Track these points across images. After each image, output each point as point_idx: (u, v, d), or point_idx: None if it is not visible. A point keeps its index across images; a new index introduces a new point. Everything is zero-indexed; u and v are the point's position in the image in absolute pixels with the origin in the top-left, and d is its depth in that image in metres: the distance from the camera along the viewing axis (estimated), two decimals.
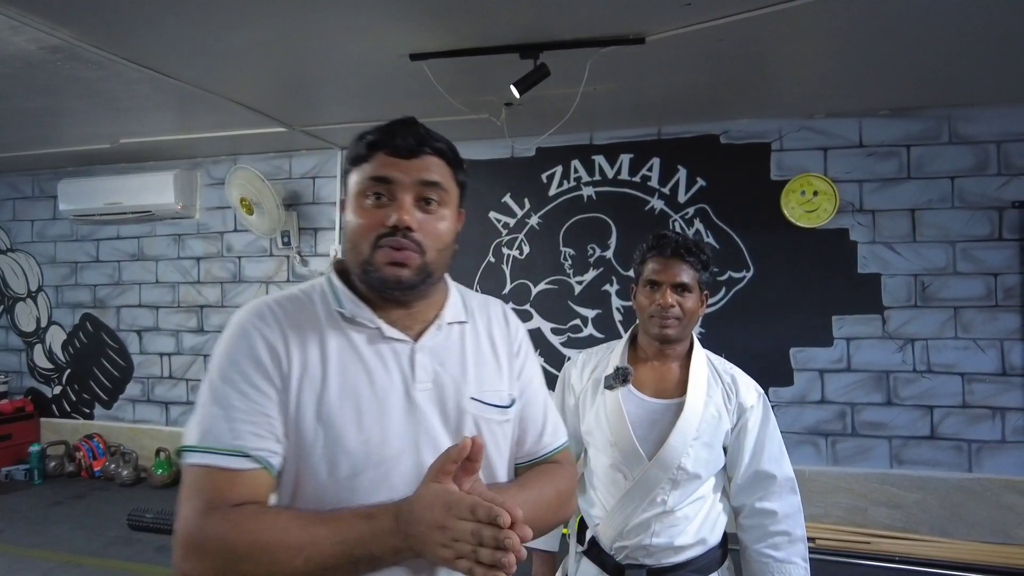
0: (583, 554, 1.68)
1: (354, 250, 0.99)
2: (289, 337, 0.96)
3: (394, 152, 0.99)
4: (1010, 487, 3.36)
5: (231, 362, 0.94)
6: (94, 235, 5.02)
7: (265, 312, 0.98)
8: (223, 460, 0.89)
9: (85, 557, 3.34)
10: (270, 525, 0.86)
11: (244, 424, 0.91)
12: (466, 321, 1.11)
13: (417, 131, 1.02)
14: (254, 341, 0.95)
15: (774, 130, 3.73)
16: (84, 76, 3.01)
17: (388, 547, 0.85)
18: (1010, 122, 3.43)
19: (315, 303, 1.02)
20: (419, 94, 3.19)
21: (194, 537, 0.86)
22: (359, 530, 0.85)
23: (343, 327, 1.00)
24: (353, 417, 0.95)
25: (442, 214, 1.02)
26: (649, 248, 1.66)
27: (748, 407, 1.63)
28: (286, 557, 0.83)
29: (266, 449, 0.91)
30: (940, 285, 3.51)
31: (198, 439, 0.91)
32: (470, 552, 0.80)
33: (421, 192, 0.99)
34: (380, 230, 0.96)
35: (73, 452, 4.90)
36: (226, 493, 0.88)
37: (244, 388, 0.92)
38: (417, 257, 0.97)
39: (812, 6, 2.30)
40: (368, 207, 0.98)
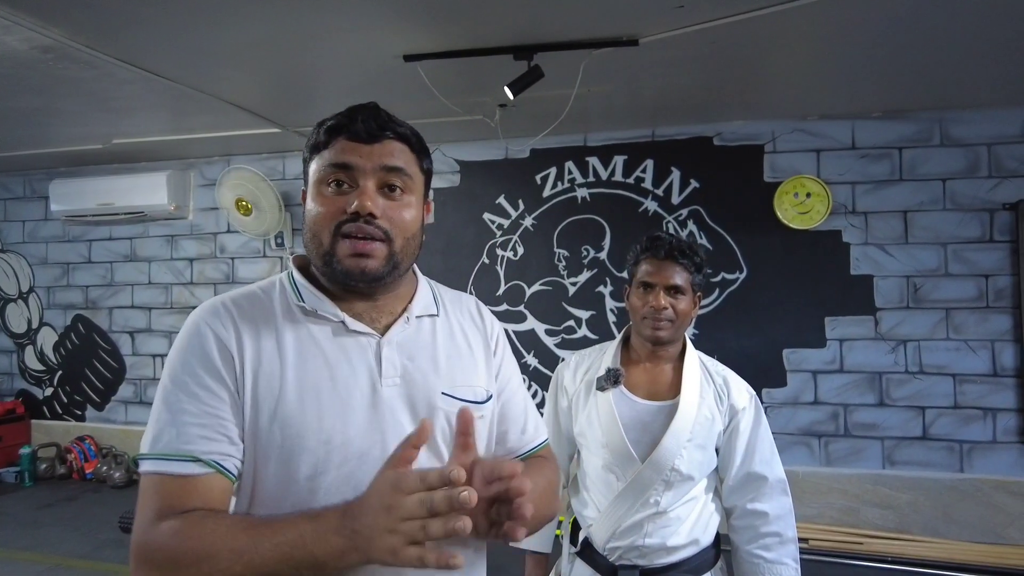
0: (576, 555, 1.68)
1: (314, 240, 0.95)
2: (243, 334, 0.92)
3: (354, 137, 0.94)
4: (1001, 487, 3.38)
5: (182, 363, 0.91)
6: (86, 236, 4.99)
7: (219, 309, 0.94)
8: (173, 466, 0.86)
9: (76, 560, 3.32)
10: (211, 530, 0.81)
11: (193, 428, 0.87)
12: (437, 314, 1.07)
13: (379, 115, 0.96)
14: (206, 340, 0.91)
15: (767, 132, 3.75)
16: (76, 76, 3.00)
17: (332, 548, 0.77)
18: (1001, 125, 3.46)
19: (273, 299, 0.98)
20: (413, 95, 3.19)
21: (142, 548, 0.84)
22: (301, 531, 0.78)
23: (303, 321, 0.96)
24: (314, 414, 0.91)
25: (407, 200, 0.97)
26: (643, 250, 1.66)
27: (740, 409, 1.63)
28: (226, 563, 0.78)
29: (218, 452, 0.87)
30: (932, 286, 3.53)
31: (150, 446, 0.88)
32: (419, 530, 0.72)
33: (384, 178, 0.94)
34: (341, 217, 0.92)
35: (64, 454, 4.87)
36: (177, 500, 0.85)
37: (194, 390, 0.89)
38: (382, 247, 0.93)
39: (804, 9, 2.31)
40: (328, 194, 0.94)
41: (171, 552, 0.80)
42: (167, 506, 0.84)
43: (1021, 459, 3.40)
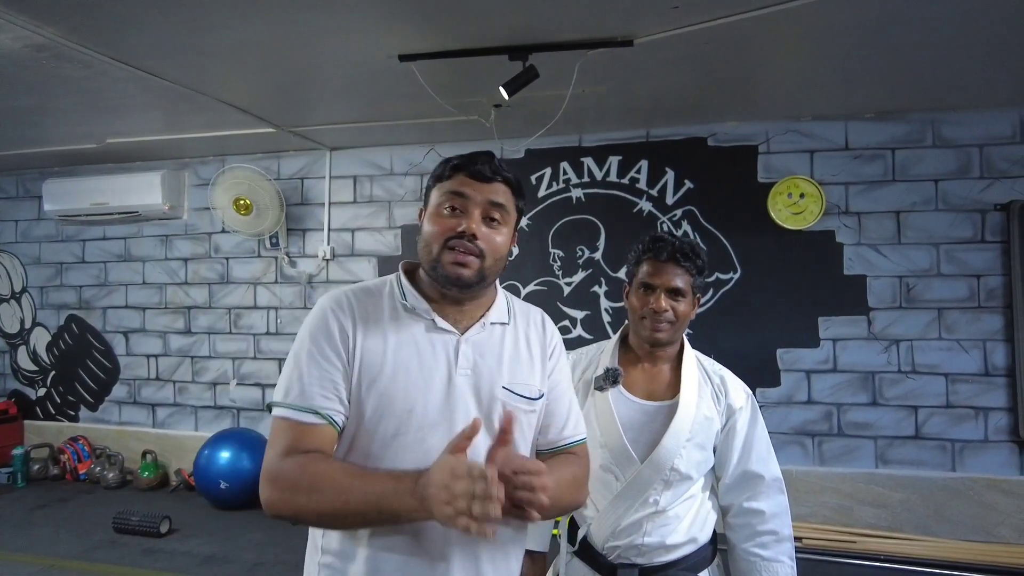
0: (574, 554, 1.68)
1: (426, 249, 1.19)
2: (358, 320, 1.18)
3: (472, 175, 1.19)
4: (992, 486, 3.40)
5: (311, 337, 1.17)
6: (80, 236, 4.98)
7: (342, 299, 1.21)
8: (298, 415, 1.11)
9: (70, 560, 3.30)
10: (324, 471, 1.06)
11: (316, 387, 1.13)
12: (508, 323, 1.30)
13: (493, 162, 1.21)
14: (330, 322, 1.17)
15: (761, 133, 3.77)
16: (70, 75, 2.99)
17: (406, 505, 1.01)
18: (992, 126, 3.49)
19: (383, 295, 1.24)
20: (408, 95, 3.20)
21: (271, 472, 1.09)
22: (386, 487, 1.03)
23: (403, 316, 1.21)
24: (402, 388, 1.15)
25: (502, 231, 1.22)
26: (645, 250, 1.65)
27: (737, 408, 1.63)
28: (330, 497, 1.04)
29: (332, 409, 1.13)
30: (924, 287, 3.56)
31: (281, 397, 1.14)
32: (465, 508, 0.94)
33: (488, 211, 1.19)
34: (450, 234, 1.16)
35: (57, 455, 4.85)
36: (298, 441, 1.10)
37: (318, 359, 1.14)
38: (477, 261, 1.17)
39: (798, 10, 2.33)
40: (444, 216, 1.18)
41: (293, 479, 1.07)
42: (292, 445, 1.10)
43: (1012, 458, 3.42)
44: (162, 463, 4.64)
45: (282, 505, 1.08)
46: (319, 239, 4.45)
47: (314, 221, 4.48)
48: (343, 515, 1.05)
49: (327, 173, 4.44)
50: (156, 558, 3.35)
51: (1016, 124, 3.47)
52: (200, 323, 4.69)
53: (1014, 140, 3.47)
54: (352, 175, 4.43)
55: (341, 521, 1.08)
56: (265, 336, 4.55)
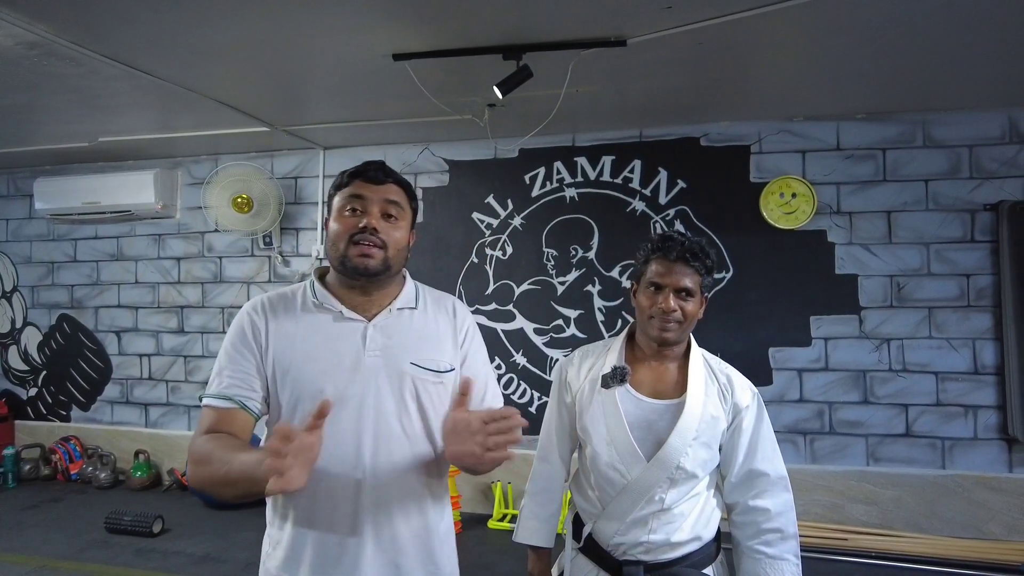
0: (579, 551, 1.69)
1: (334, 247, 1.36)
2: (269, 319, 1.37)
3: (367, 179, 1.38)
4: (982, 483, 3.43)
5: (229, 338, 1.37)
6: (71, 235, 4.95)
7: (257, 303, 1.40)
8: (215, 402, 1.31)
9: (61, 561, 3.29)
10: (218, 444, 1.22)
11: (229, 378, 1.32)
12: (415, 308, 1.46)
13: (384, 167, 1.40)
14: (244, 324, 1.37)
15: (753, 133, 3.79)
16: (62, 73, 2.98)
17: (259, 476, 1.06)
18: (981, 127, 3.52)
19: (297, 296, 1.43)
20: (402, 94, 3.20)
21: (189, 450, 1.28)
22: (253, 458, 1.11)
23: (314, 311, 1.39)
24: (312, 373, 1.32)
25: (399, 225, 1.39)
26: (654, 249, 1.65)
27: (743, 407, 1.64)
28: (217, 466, 1.18)
29: (243, 395, 1.31)
30: (915, 286, 3.58)
31: (207, 389, 1.33)
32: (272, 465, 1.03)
33: (385, 208, 1.37)
34: (353, 231, 1.33)
35: (49, 455, 4.82)
36: (214, 424, 1.29)
37: (233, 355, 1.34)
38: (380, 252, 1.34)
39: (790, 10, 2.34)
40: (346, 216, 1.36)
41: (198, 452, 1.24)
42: (209, 426, 1.29)
43: (1001, 455, 3.45)
44: (155, 463, 4.63)
45: (191, 476, 1.25)
46: (312, 238, 4.45)
47: (307, 220, 4.48)
48: (225, 483, 1.17)
49: (321, 172, 4.43)
50: (149, 558, 3.33)
51: (1005, 125, 3.50)
52: (193, 322, 4.67)
53: (1003, 141, 3.50)
54: None
55: (225, 489, 1.18)
56: None
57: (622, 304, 3.94)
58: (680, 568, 1.57)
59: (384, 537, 1.32)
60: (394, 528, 1.33)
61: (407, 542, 1.35)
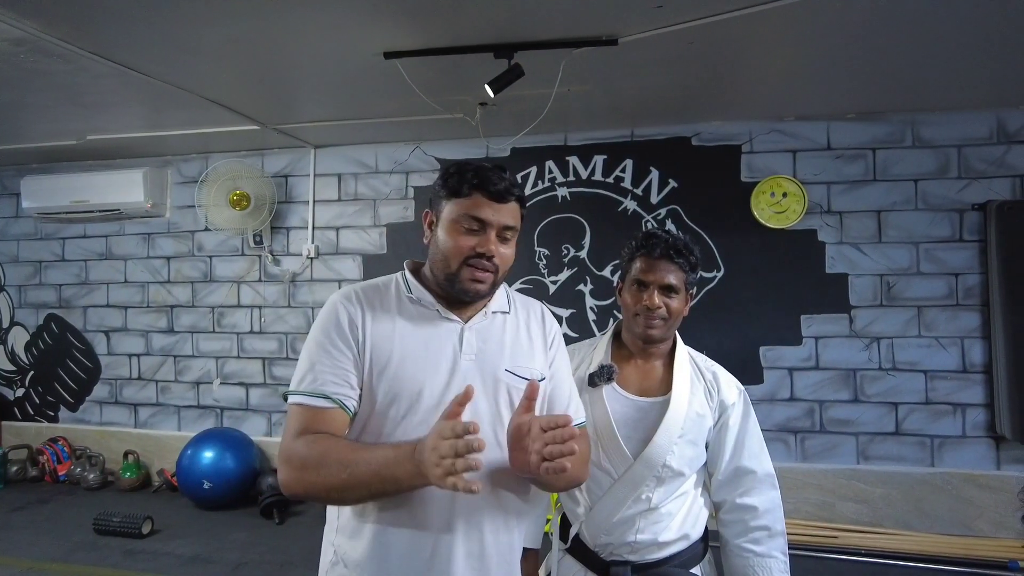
0: (567, 552, 1.68)
1: (444, 262, 1.28)
2: (366, 312, 1.28)
3: (490, 196, 1.26)
4: (970, 481, 3.46)
5: (322, 330, 1.27)
6: (59, 233, 4.91)
7: (351, 294, 1.31)
8: (311, 400, 1.21)
9: (49, 563, 3.26)
10: (330, 446, 1.15)
11: (327, 375, 1.22)
12: (508, 312, 1.40)
13: (507, 181, 1.29)
14: (339, 315, 1.27)
15: (744, 132, 3.80)
16: (49, 70, 2.95)
17: (405, 471, 1.08)
18: (970, 127, 3.54)
19: (391, 289, 1.34)
20: (394, 93, 3.19)
21: (285, 453, 1.19)
22: (387, 455, 1.11)
23: (410, 307, 1.31)
24: (411, 373, 1.25)
25: (511, 245, 1.32)
26: (638, 247, 1.65)
27: (729, 404, 1.64)
28: (336, 470, 1.11)
29: (342, 394, 1.22)
30: (904, 285, 3.61)
31: (296, 385, 1.24)
32: (451, 466, 0.99)
33: (501, 232, 1.28)
34: (469, 253, 1.25)
35: (36, 456, 4.77)
36: (311, 424, 1.20)
37: (329, 349, 1.24)
38: (492, 276, 1.27)
39: (781, 11, 2.35)
40: (463, 233, 1.26)
41: (302, 457, 1.15)
42: (304, 427, 1.20)
43: (989, 453, 3.48)
44: (144, 463, 4.59)
45: (295, 483, 1.16)
46: (303, 237, 4.43)
47: (298, 219, 4.46)
48: (349, 486, 1.12)
49: (311, 171, 4.41)
50: (138, 559, 3.31)
51: (992, 125, 3.53)
52: (183, 322, 4.64)
53: (991, 141, 3.53)
54: (337, 173, 4.41)
55: (348, 492, 1.14)
56: (249, 335, 4.51)
57: (614, 303, 3.95)
58: (668, 568, 1.57)
59: (474, 552, 1.25)
60: (483, 542, 1.26)
61: (493, 559, 1.27)
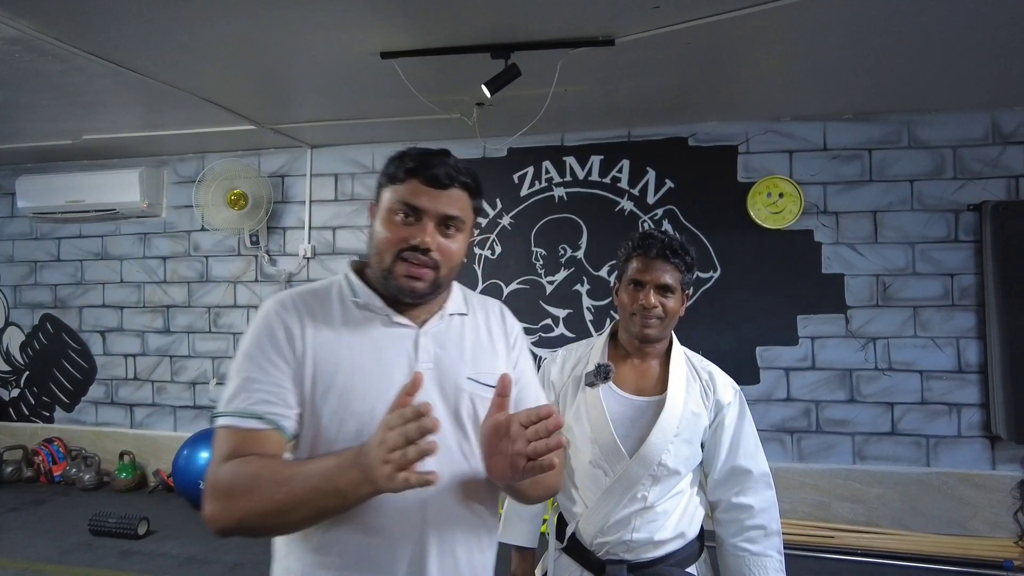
0: (563, 551, 1.69)
1: (378, 256, 1.15)
2: (306, 321, 1.13)
3: (427, 181, 1.12)
4: (965, 480, 3.47)
5: (255, 342, 1.11)
6: (55, 233, 4.89)
7: (286, 301, 1.15)
8: (241, 422, 1.05)
9: (44, 564, 3.25)
10: (261, 467, 1.00)
11: (260, 393, 1.07)
12: (466, 313, 1.27)
13: (448, 165, 1.14)
14: (274, 325, 1.12)
15: (741, 133, 3.81)
16: (45, 69, 2.94)
17: (349, 479, 0.94)
18: (965, 128, 3.55)
19: (332, 294, 1.19)
20: (390, 93, 3.18)
21: (209, 483, 1.02)
22: (326, 465, 0.97)
23: (356, 314, 1.17)
24: (361, 387, 1.10)
25: (457, 238, 1.16)
26: (634, 247, 1.66)
27: (725, 404, 1.65)
28: (270, 491, 0.96)
29: (277, 413, 1.06)
30: (900, 285, 3.62)
31: (224, 405, 1.07)
32: (401, 457, 0.87)
33: (443, 221, 1.13)
34: (403, 245, 1.11)
35: (32, 457, 4.76)
36: (242, 448, 1.03)
37: (262, 363, 1.09)
38: (431, 273, 1.13)
39: (778, 11, 2.36)
40: (396, 223, 1.13)
41: (227, 484, 1.00)
42: (232, 452, 1.03)
43: (984, 453, 3.49)
44: (140, 464, 4.58)
45: (223, 514, 0.99)
46: (300, 237, 4.42)
47: (294, 219, 4.45)
48: (287, 508, 0.96)
49: (308, 171, 4.41)
50: (133, 560, 3.30)
51: (988, 126, 3.54)
52: (179, 322, 4.63)
53: (986, 142, 3.54)
54: (333, 173, 4.40)
55: (288, 516, 0.98)
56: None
57: (611, 303, 3.95)
58: (663, 567, 1.58)
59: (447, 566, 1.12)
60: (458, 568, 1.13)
61: None
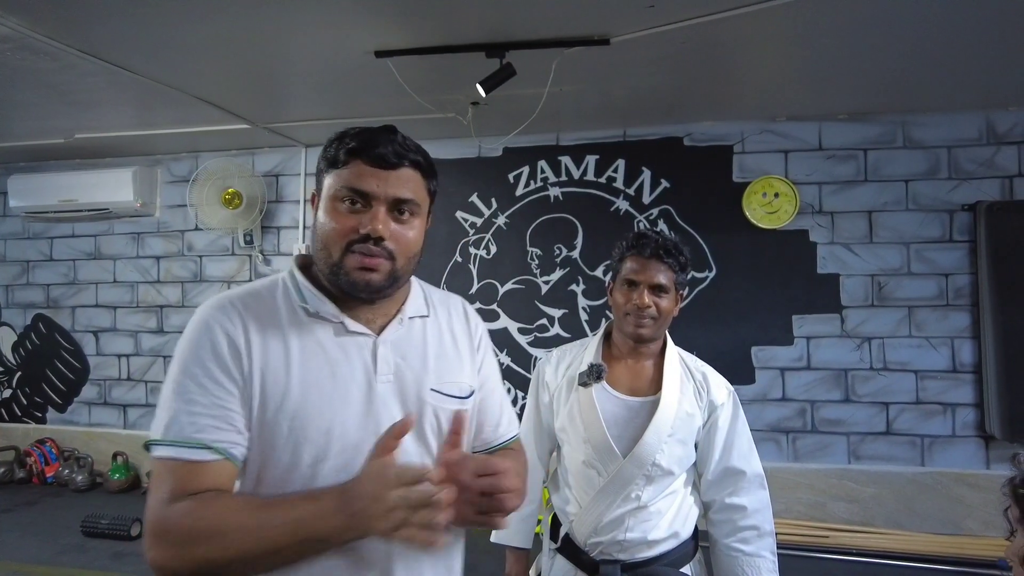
0: (557, 551, 1.69)
1: (324, 251, 1.02)
2: (251, 332, 0.99)
3: (372, 162, 1.00)
4: (960, 480, 3.47)
5: (193, 357, 0.97)
6: (47, 233, 4.86)
7: (227, 307, 1.01)
8: (186, 452, 0.92)
9: (36, 566, 3.22)
10: (223, 510, 0.89)
11: (205, 418, 0.93)
12: (427, 315, 1.16)
13: (395, 143, 1.02)
14: (216, 336, 0.97)
15: (736, 133, 3.80)
16: (36, 67, 2.91)
17: (333, 527, 0.87)
18: (960, 128, 3.56)
19: (277, 298, 1.05)
20: (385, 92, 3.17)
21: (158, 525, 0.91)
22: (305, 511, 0.88)
23: (306, 322, 1.03)
24: (316, 407, 0.98)
25: (413, 224, 1.05)
26: (628, 247, 1.67)
27: (719, 404, 1.65)
28: (239, 539, 0.86)
29: (227, 441, 0.94)
30: (895, 285, 3.62)
31: (163, 433, 0.94)
32: (403, 519, 0.84)
33: (395, 205, 1.02)
34: (352, 236, 0.99)
35: (24, 458, 4.72)
36: (189, 483, 0.91)
37: (205, 382, 0.95)
38: (387, 264, 1.01)
39: (773, 11, 2.35)
40: (342, 211, 1.00)
41: (186, 530, 0.88)
42: (180, 488, 0.91)
43: (979, 452, 3.50)
44: (133, 465, 4.55)
45: (177, 562, 0.88)
46: (294, 237, 4.40)
47: (288, 219, 4.43)
48: (258, 556, 0.87)
49: (302, 170, 4.39)
50: (126, 561, 3.28)
51: (982, 126, 3.55)
52: (173, 322, 4.61)
53: (980, 142, 3.55)
54: None
55: (258, 564, 0.89)
56: None
57: (606, 303, 3.93)
58: (657, 567, 1.58)
59: None
60: None
61: None
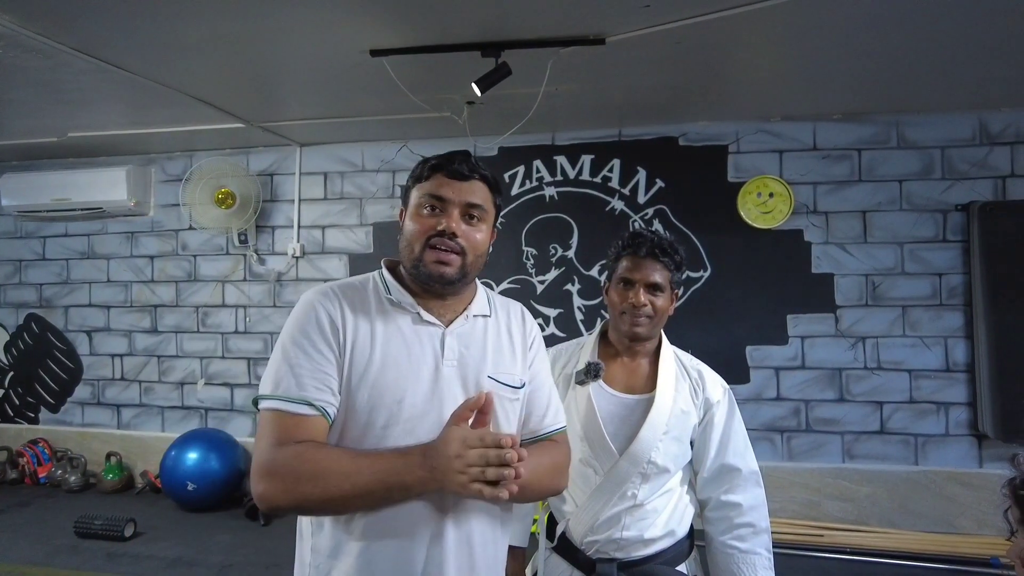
0: (553, 550, 1.69)
1: (408, 248, 1.24)
2: (346, 314, 1.21)
3: (449, 175, 1.24)
4: (953, 479, 3.49)
5: (300, 330, 1.18)
6: (40, 232, 4.83)
7: (329, 293, 1.24)
8: (291, 406, 1.13)
9: (28, 566, 3.21)
10: (325, 456, 1.09)
11: (308, 379, 1.14)
12: (489, 315, 1.35)
13: (470, 160, 1.28)
14: (320, 315, 1.19)
15: (731, 132, 3.81)
16: (29, 65, 2.90)
17: (416, 477, 1.07)
18: (953, 129, 3.58)
19: (368, 290, 1.28)
20: (380, 91, 3.17)
21: (267, 464, 1.09)
22: (394, 463, 1.09)
23: (389, 310, 1.25)
24: (392, 380, 1.18)
25: (481, 227, 1.28)
26: (624, 246, 1.68)
27: (714, 402, 1.66)
28: (337, 481, 1.06)
29: (324, 400, 1.15)
30: (889, 285, 3.63)
31: (271, 389, 1.14)
32: (479, 474, 1.03)
33: (466, 210, 1.25)
34: (431, 233, 1.21)
35: (16, 458, 4.69)
36: (291, 433, 1.11)
37: (309, 351, 1.16)
38: (458, 258, 1.22)
39: (768, 11, 2.36)
40: (424, 215, 1.24)
41: (293, 469, 1.08)
42: (284, 436, 1.11)
43: (972, 451, 3.52)
44: (127, 465, 4.53)
45: (282, 497, 1.08)
46: (289, 236, 4.39)
47: (283, 218, 4.42)
48: (351, 497, 1.08)
49: (297, 169, 4.38)
50: (120, 562, 3.26)
51: (975, 127, 3.56)
52: (167, 322, 4.59)
53: (973, 143, 3.57)
54: (323, 171, 4.37)
55: (348, 503, 1.10)
56: (233, 335, 4.47)
57: (602, 303, 3.94)
58: (653, 565, 1.58)
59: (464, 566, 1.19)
60: (473, 555, 1.20)
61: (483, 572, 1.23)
